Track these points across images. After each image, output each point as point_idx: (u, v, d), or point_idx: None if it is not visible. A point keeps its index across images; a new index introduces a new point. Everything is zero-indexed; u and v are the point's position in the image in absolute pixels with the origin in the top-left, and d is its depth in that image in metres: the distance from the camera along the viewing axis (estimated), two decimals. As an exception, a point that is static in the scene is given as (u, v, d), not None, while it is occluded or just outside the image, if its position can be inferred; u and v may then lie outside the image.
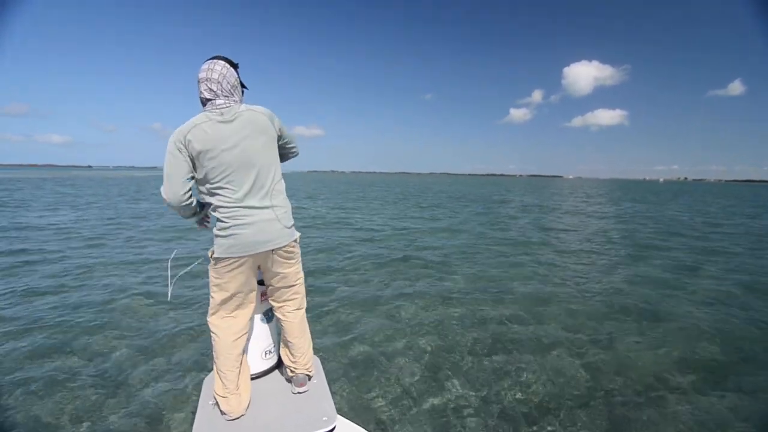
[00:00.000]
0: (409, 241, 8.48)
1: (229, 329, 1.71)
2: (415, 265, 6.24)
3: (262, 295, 1.89)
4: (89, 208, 13.82)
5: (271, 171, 1.65)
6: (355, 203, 18.81)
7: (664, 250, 7.88)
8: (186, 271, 2.39)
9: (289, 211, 1.75)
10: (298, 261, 1.83)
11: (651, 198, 28.68)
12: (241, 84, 1.67)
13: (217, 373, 1.71)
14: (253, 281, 1.73)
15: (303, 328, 1.91)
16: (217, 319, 1.72)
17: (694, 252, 7.70)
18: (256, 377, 1.93)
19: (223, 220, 1.58)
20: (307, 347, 1.91)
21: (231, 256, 1.59)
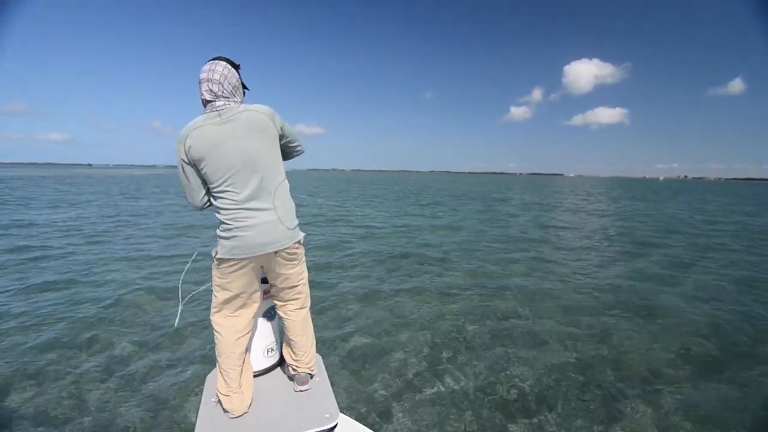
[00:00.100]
0: (409, 238, 8.54)
1: (232, 328, 1.70)
2: (415, 261, 6.30)
3: (265, 293, 1.87)
4: (90, 206, 13.88)
5: (273, 171, 1.62)
6: (356, 201, 18.86)
7: (662, 247, 7.94)
8: (186, 270, 2.33)
9: (293, 212, 1.72)
10: (301, 262, 1.80)
11: (651, 196, 28.72)
12: (243, 85, 1.65)
13: (220, 371, 1.70)
14: (256, 282, 1.72)
15: (305, 327, 1.90)
16: (220, 318, 1.71)
17: (692, 249, 7.76)
18: (258, 375, 1.93)
19: (225, 222, 1.56)
20: (309, 346, 1.90)
21: (233, 258, 1.57)
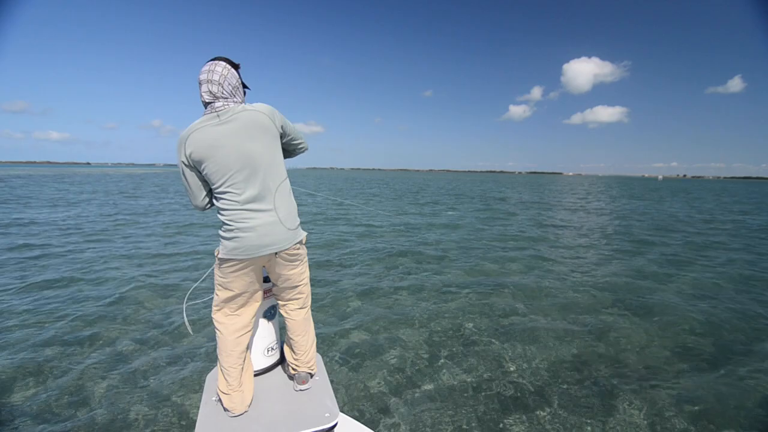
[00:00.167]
0: (408, 236, 8.57)
1: (233, 326, 1.71)
2: (414, 259, 6.33)
3: (266, 292, 1.87)
4: (89, 204, 13.88)
5: (274, 171, 1.61)
6: (355, 199, 18.88)
7: (659, 245, 7.99)
8: (201, 281, 2.31)
9: (294, 212, 1.70)
10: (303, 262, 1.79)
11: (649, 195, 28.79)
12: (243, 84, 1.65)
13: (221, 369, 1.71)
14: (257, 282, 1.72)
15: (306, 327, 1.90)
16: (221, 316, 1.72)
17: (689, 247, 7.81)
18: (258, 374, 1.93)
19: (227, 223, 1.56)
20: (309, 345, 1.90)
21: (234, 258, 1.58)
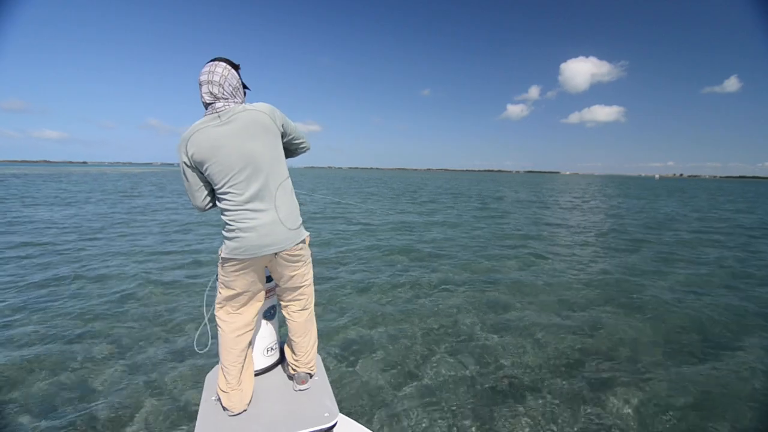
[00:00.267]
0: (406, 234, 8.62)
1: (234, 324, 1.71)
2: (411, 257, 6.39)
3: (267, 292, 1.87)
4: (87, 203, 13.85)
5: (275, 171, 1.61)
6: (353, 198, 18.91)
7: (654, 243, 8.07)
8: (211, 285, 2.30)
9: (296, 212, 1.70)
10: (305, 263, 1.78)
11: (645, 194, 28.96)
12: (243, 85, 1.65)
13: (221, 367, 1.72)
14: (260, 282, 1.72)
15: (307, 328, 1.90)
16: (223, 314, 1.73)
17: (680, 245, 7.90)
18: (258, 374, 1.94)
19: (229, 223, 1.57)
20: (310, 346, 1.90)
21: (236, 258, 1.59)
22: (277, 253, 1.63)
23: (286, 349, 1.95)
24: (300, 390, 1.83)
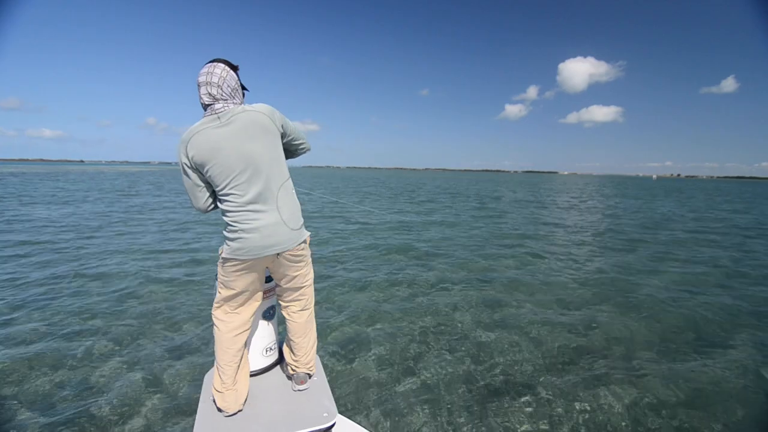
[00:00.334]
0: (404, 233, 8.65)
1: (231, 323, 1.72)
2: (408, 255, 6.42)
3: (266, 292, 1.87)
4: (84, 202, 13.83)
5: (276, 171, 1.61)
6: (351, 198, 18.93)
7: (648, 242, 8.12)
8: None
9: (298, 212, 1.71)
10: (307, 263, 1.79)
11: (642, 194, 29.08)
12: (242, 86, 1.65)
13: (217, 366, 1.73)
14: (260, 282, 1.73)
15: (307, 328, 1.90)
16: (221, 313, 1.74)
17: (676, 244, 7.95)
18: (256, 374, 1.94)
19: (231, 224, 1.58)
20: (310, 347, 1.91)
21: (238, 258, 1.59)
22: (279, 254, 1.64)
23: (285, 349, 1.96)
24: (299, 390, 1.83)
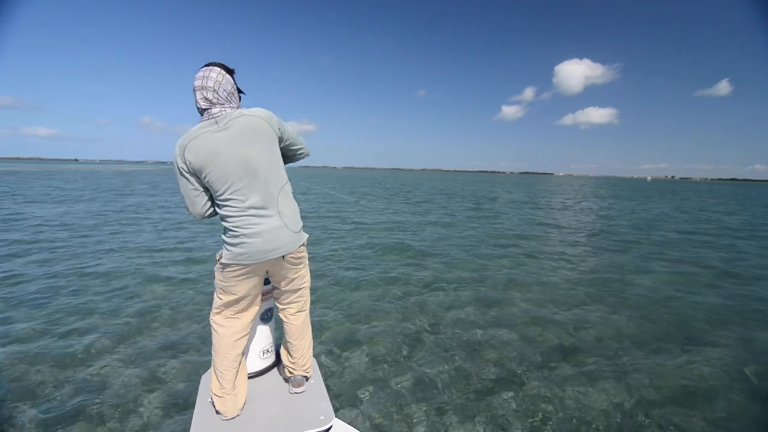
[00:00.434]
0: (399, 233, 8.69)
1: (231, 329, 1.70)
2: (403, 255, 6.47)
3: (264, 294, 1.86)
4: (79, 201, 13.77)
5: (275, 175, 1.61)
6: (347, 198, 18.95)
7: (642, 243, 8.23)
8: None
9: (297, 215, 1.71)
10: (305, 265, 1.80)
11: (637, 196, 29.32)
12: (238, 89, 1.64)
13: (215, 371, 1.71)
14: (260, 286, 1.73)
15: (304, 330, 1.91)
16: (220, 319, 1.72)
17: (668, 245, 8.05)
18: (253, 376, 1.94)
19: (232, 229, 1.56)
20: (306, 349, 1.91)
21: (240, 263, 1.57)
22: (283, 257, 1.64)
23: (283, 351, 1.95)
24: (296, 393, 1.83)
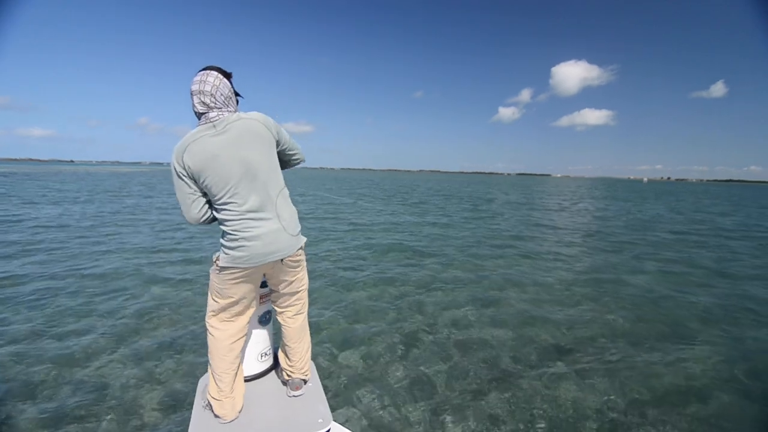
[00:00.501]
0: (397, 234, 8.73)
1: (227, 331, 1.70)
2: (401, 255, 6.51)
3: (262, 297, 1.86)
4: (76, 203, 13.73)
5: (273, 179, 1.61)
6: (344, 199, 18.97)
7: (637, 243, 8.30)
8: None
9: (296, 218, 1.71)
10: (303, 267, 1.80)
11: (633, 197, 29.51)
12: (236, 93, 1.63)
13: (212, 374, 1.70)
14: (256, 289, 1.72)
15: (302, 333, 1.90)
16: (216, 322, 1.71)
17: (662, 245, 8.14)
18: (251, 379, 1.94)
19: (231, 233, 1.55)
20: (305, 351, 1.90)
21: (238, 267, 1.56)
22: (282, 260, 1.65)
23: (281, 354, 1.94)
24: (294, 396, 1.83)
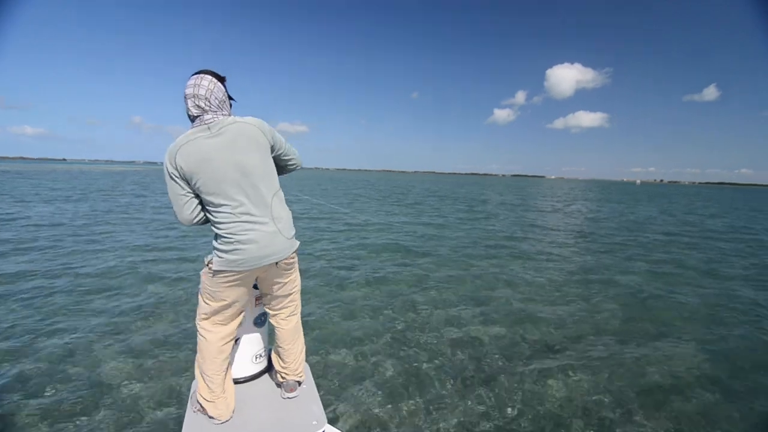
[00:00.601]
0: (391, 234, 8.76)
1: (219, 334, 1.69)
2: (396, 255, 6.53)
3: (256, 299, 1.85)
4: (67, 201, 13.61)
5: (267, 182, 1.60)
6: (340, 200, 18.98)
7: (630, 246, 8.40)
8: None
9: (290, 221, 1.71)
10: (296, 269, 1.81)
11: (625, 199, 29.81)
12: (229, 97, 1.63)
13: (202, 376, 1.69)
14: (249, 291, 1.72)
15: (296, 335, 1.90)
16: (208, 324, 1.69)
17: (652, 246, 8.25)
18: (245, 381, 1.93)
19: (225, 236, 1.53)
20: (298, 353, 1.90)
21: (233, 270, 1.55)
22: (277, 263, 1.64)
23: (274, 356, 1.93)
24: (288, 398, 1.82)
